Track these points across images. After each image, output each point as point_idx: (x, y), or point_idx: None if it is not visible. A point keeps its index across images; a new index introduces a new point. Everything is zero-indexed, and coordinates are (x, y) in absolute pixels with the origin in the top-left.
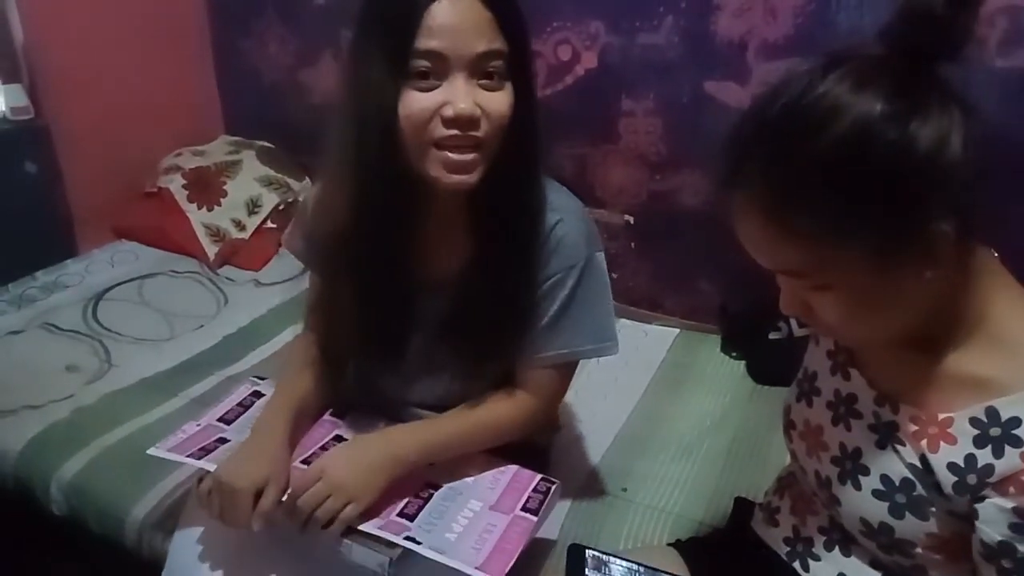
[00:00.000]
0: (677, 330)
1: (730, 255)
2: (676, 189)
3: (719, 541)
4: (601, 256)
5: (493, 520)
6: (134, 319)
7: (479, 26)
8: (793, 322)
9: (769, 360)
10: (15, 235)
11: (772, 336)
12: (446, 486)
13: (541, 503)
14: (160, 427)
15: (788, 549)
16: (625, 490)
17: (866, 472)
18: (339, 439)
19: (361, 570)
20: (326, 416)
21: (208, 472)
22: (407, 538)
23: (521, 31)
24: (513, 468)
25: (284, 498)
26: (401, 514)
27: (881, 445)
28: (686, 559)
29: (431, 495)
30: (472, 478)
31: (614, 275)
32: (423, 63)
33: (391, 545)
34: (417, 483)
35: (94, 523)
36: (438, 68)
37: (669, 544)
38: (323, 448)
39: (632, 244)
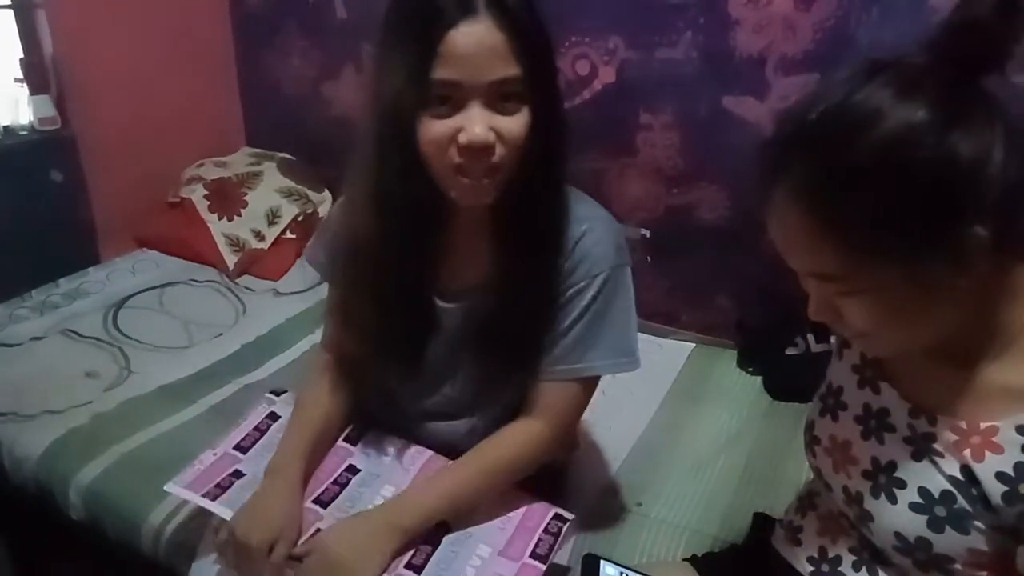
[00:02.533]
0: (693, 344)
1: (747, 270)
2: (693, 203)
3: (736, 557)
4: (628, 270)
5: (501, 569)
6: (154, 327)
7: (495, 53)
8: (811, 337)
9: (786, 376)
10: (39, 242)
11: (789, 351)
12: (456, 530)
13: (551, 547)
14: (178, 434)
15: (812, 569)
16: (640, 504)
17: (902, 485)
18: (352, 469)
19: None
20: (340, 442)
21: (222, 519)
22: None
23: (540, 51)
24: (526, 500)
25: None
26: (409, 565)
27: (917, 457)
28: (702, 574)
29: (439, 541)
30: (482, 516)
31: None
32: (441, 91)
33: None
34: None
35: (111, 528)
36: (455, 95)
37: (684, 559)
38: (335, 483)
39: (648, 258)
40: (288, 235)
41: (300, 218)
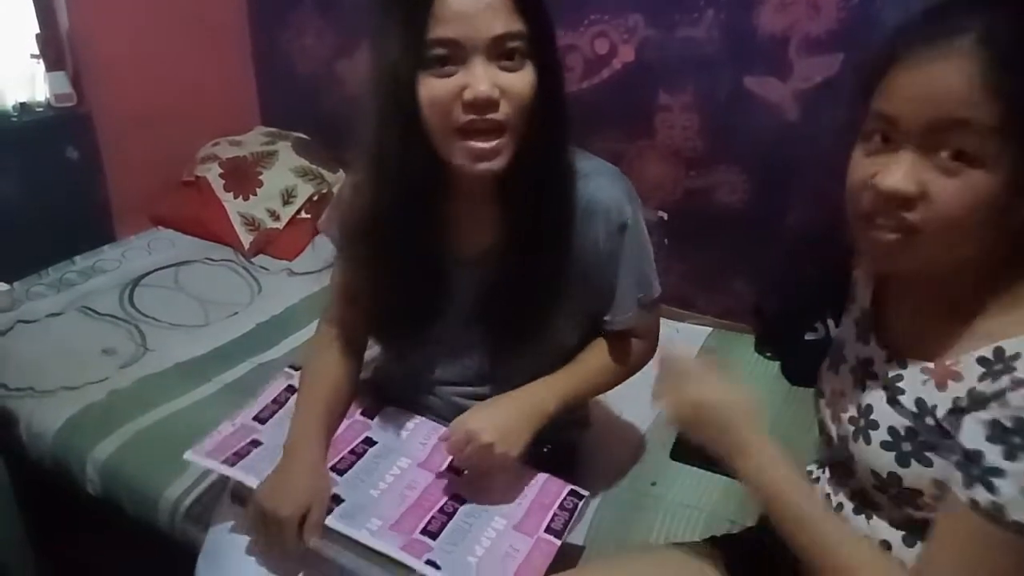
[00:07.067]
0: (710, 329)
1: (765, 254)
2: (712, 186)
3: (755, 538)
4: (640, 213)
5: (516, 543)
6: (170, 305)
7: (494, 8)
8: (831, 323)
9: (805, 361)
10: (55, 220)
11: (808, 337)
12: (471, 502)
13: (566, 522)
14: (193, 411)
15: None
16: (655, 484)
17: (875, 427)
18: (369, 442)
19: None
20: (357, 416)
21: (238, 481)
22: (428, 561)
23: (541, 9)
24: (542, 478)
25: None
26: (424, 531)
27: (890, 401)
28: (721, 554)
29: (456, 509)
30: (498, 492)
31: None
32: (440, 50)
33: (411, 570)
34: (443, 496)
35: (127, 503)
36: (455, 54)
37: (703, 540)
38: (352, 452)
39: (665, 241)
40: (303, 215)
41: (315, 198)
